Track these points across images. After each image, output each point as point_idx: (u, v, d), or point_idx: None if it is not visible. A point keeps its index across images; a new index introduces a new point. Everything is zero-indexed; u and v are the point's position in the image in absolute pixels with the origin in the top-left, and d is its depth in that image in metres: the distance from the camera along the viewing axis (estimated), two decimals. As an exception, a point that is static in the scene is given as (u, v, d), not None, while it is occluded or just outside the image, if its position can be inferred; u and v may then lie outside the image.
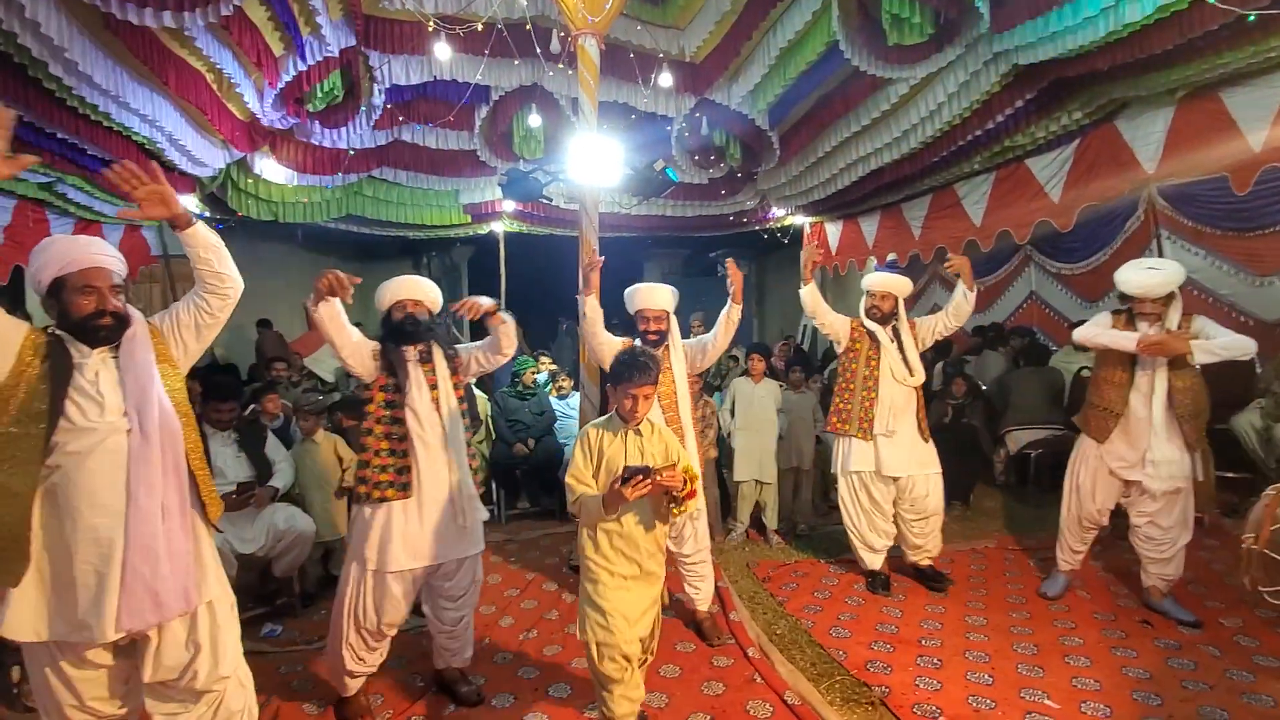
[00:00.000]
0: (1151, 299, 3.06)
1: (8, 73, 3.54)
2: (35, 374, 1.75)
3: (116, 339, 1.86)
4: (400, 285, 2.70)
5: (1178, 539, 3.15)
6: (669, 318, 3.27)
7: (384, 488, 2.49)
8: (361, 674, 2.61)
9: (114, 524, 1.77)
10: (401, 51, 4.92)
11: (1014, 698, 2.63)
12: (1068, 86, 4.45)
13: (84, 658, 1.83)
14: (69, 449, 1.76)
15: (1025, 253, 6.67)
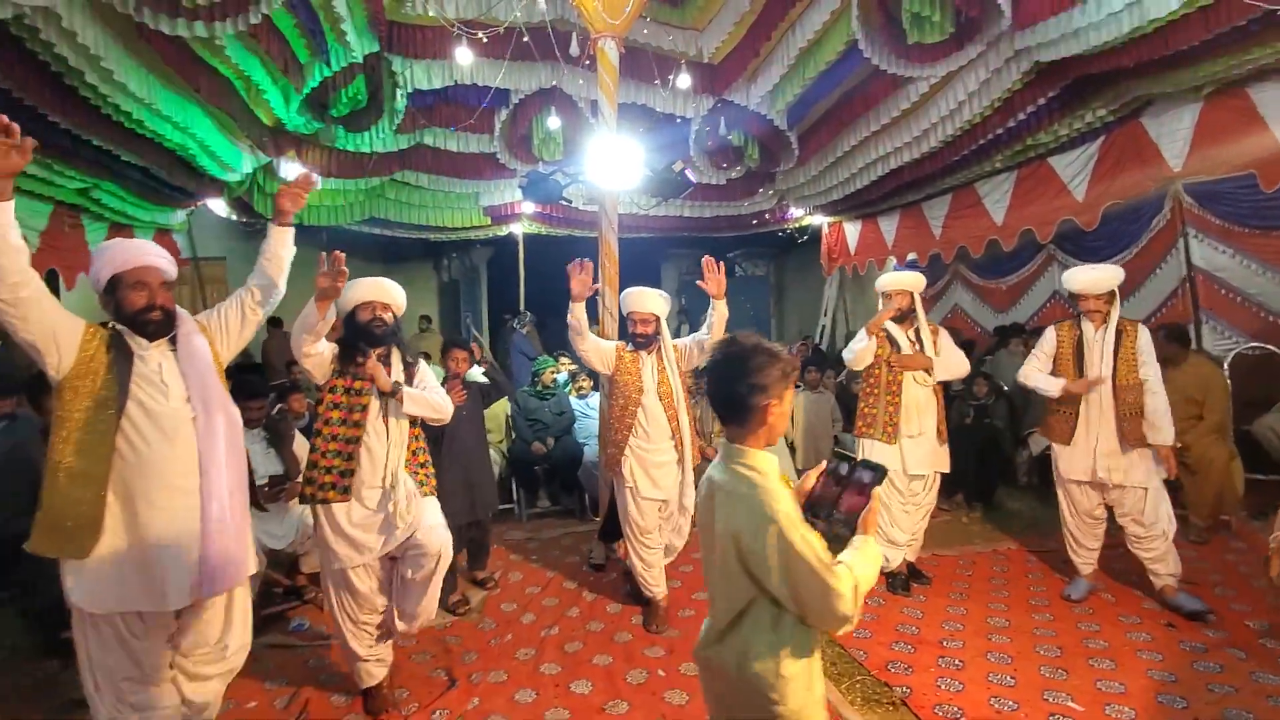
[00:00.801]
0: (1094, 295, 3.30)
1: (45, 81, 3.66)
2: (102, 365, 1.90)
3: (166, 332, 2.02)
4: (369, 287, 2.68)
5: (1164, 533, 3.26)
6: (658, 321, 3.40)
7: (326, 489, 2.53)
8: (375, 660, 2.67)
9: (189, 502, 1.94)
10: (424, 56, 5.01)
11: (1037, 700, 2.61)
12: (1091, 83, 4.40)
13: (146, 629, 1.96)
14: (141, 432, 1.91)
15: (1048, 252, 6.58)
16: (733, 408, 1.40)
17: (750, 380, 1.36)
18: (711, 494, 1.44)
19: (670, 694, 2.74)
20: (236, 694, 2.79)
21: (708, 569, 1.47)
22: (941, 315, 8.36)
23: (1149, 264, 5.50)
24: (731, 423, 1.43)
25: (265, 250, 2.26)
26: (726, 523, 1.37)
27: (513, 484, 5.23)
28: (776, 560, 1.29)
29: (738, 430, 1.42)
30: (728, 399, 1.41)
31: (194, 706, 2.11)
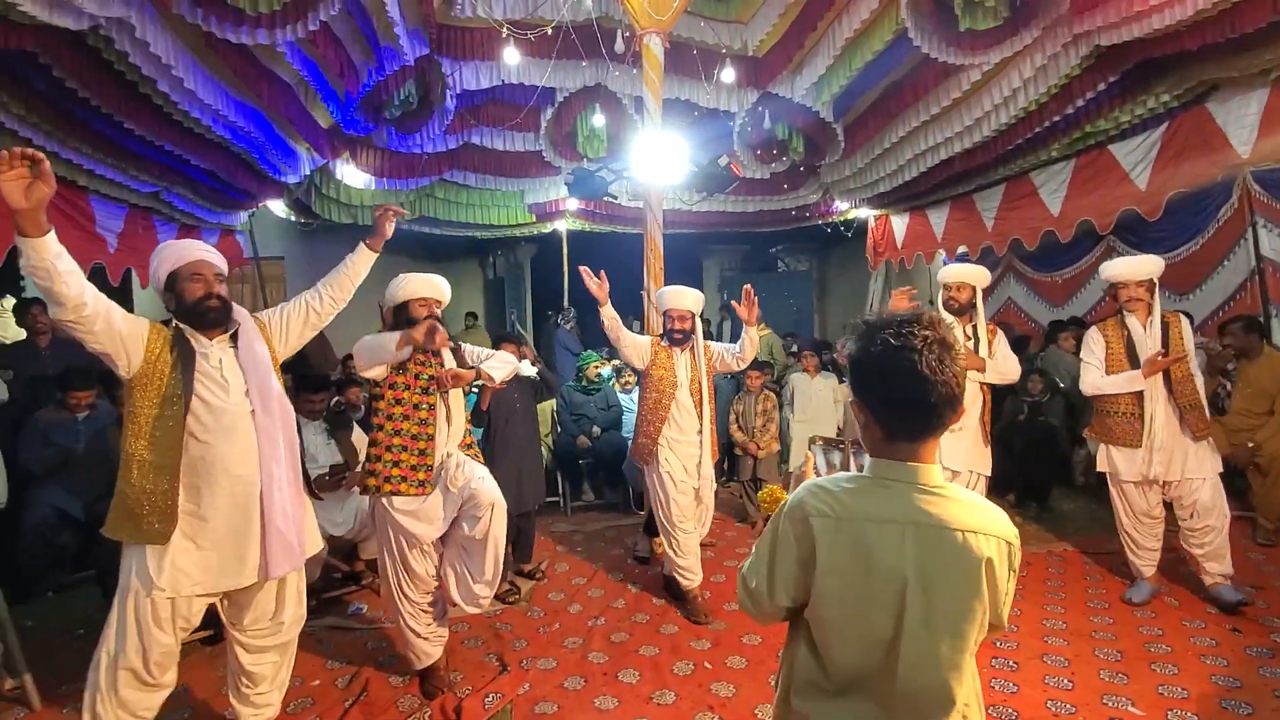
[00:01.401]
0: (1133, 281, 3.25)
1: (120, 89, 3.87)
2: (168, 363, 2.02)
3: (224, 321, 2.14)
4: (421, 283, 2.82)
5: (1221, 528, 3.22)
6: (694, 318, 3.52)
7: (395, 482, 2.62)
8: (435, 638, 2.76)
9: (250, 490, 2.07)
10: (472, 57, 5.10)
11: (1096, 703, 2.55)
12: (1154, 68, 4.23)
13: (171, 619, 2.05)
14: (206, 426, 2.04)
15: (1108, 243, 6.34)
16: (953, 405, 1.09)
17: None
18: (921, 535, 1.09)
19: (717, 686, 2.76)
20: (300, 671, 2.93)
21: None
22: (994, 309, 8.14)
23: (1216, 255, 5.27)
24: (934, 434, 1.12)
25: (350, 267, 2.41)
26: (972, 556, 1.07)
27: (558, 477, 5.32)
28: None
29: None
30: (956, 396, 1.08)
31: (253, 678, 2.26)
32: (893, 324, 1.07)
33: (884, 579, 1.07)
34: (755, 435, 4.69)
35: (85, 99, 3.76)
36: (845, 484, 1.14)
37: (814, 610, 1.14)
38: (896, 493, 1.10)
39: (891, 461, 1.12)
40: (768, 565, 1.18)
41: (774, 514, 1.22)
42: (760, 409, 4.74)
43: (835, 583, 1.09)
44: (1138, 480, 3.30)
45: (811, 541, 1.10)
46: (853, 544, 1.08)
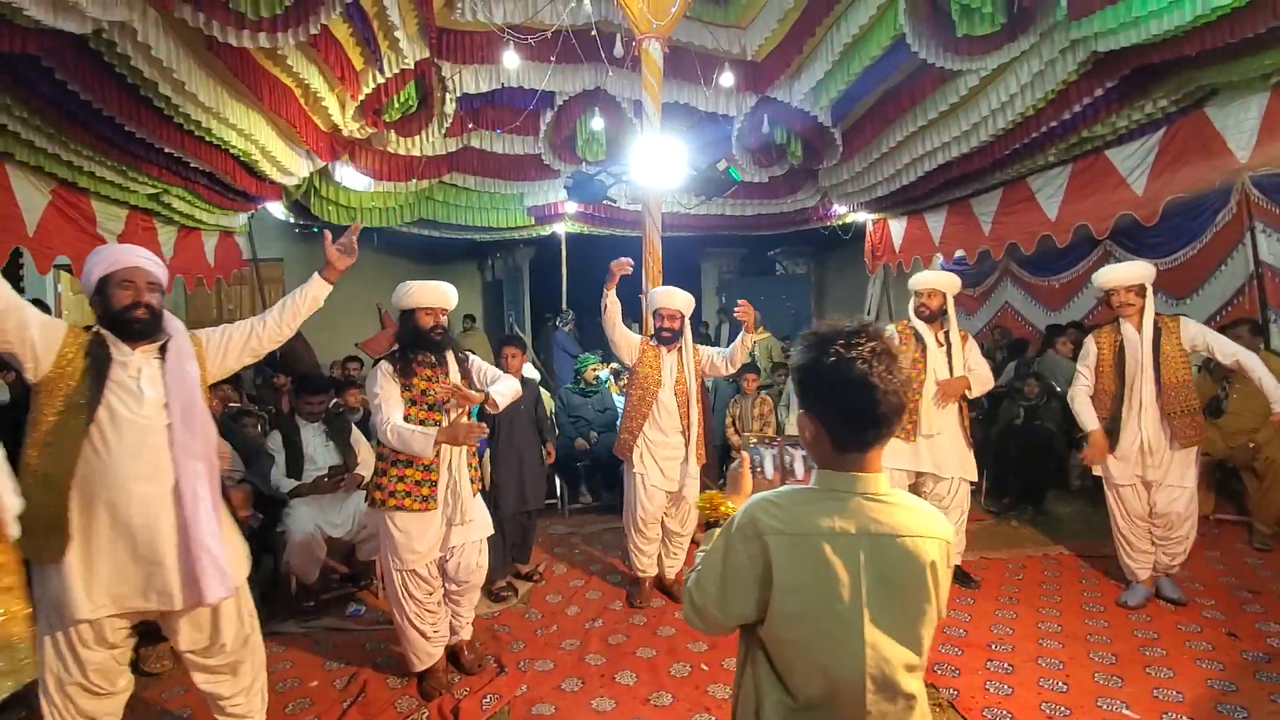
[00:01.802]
0: (1124, 287, 3.26)
1: (122, 91, 3.88)
2: (78, 370, 1.91)
3: (151, 333, 2.02)
4: (429, 292, 2.79)
5: (1188, 539, 3.32)
6: (683, 318, 3.55)
7: (401, 497, 2.65)
8: (435, 637, 2.78)
9: (159, 508, 1.93)
10: (472, 61, 5.13)
11: (1090, 705, 2.56)
12: (1152, 73, 4.25)
13: (97, 638, 1.95)
14: (107, 439, 1.91)
15: (1105, 248, 6.36)
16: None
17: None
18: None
19: (713, 688, 2.77)
20: (298, 672, 2.95)
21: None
22: (991, 313, 8.17)
23: (1213, 260, 5.29)
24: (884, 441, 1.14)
25: (303, 298, 2.30)
26: (920, 561, 1.10)
27: (556, 479, 5.32)
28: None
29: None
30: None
31: (211, 698, 2.19)
32: (841, 335, 1.08)
33: (841, 591, 1.07)
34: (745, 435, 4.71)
35: (87, 101, 3.78)
36: (796, 497, 1.13)
37: (771, 629, 1.12)
38: (848, 504, 1.10)
39: (842, 473, 1.12)
40: (719, 584, 1.15)
41: (723, 528, 1.19)
42: (756, 412, 4.75)
43: (793, 600, 1.09)
44: (1130, 482, 3.34)
45: (767, 559, 1.09)
46: (810, 559, 1.08)
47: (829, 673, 1.09)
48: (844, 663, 1.08)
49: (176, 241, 5.96)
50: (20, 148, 4.01)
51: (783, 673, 1.13)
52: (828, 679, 1.10)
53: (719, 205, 7.65)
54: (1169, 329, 3.26)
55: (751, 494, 1.29)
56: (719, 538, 1.20)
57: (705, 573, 1.19)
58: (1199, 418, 3.25)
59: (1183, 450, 3.24)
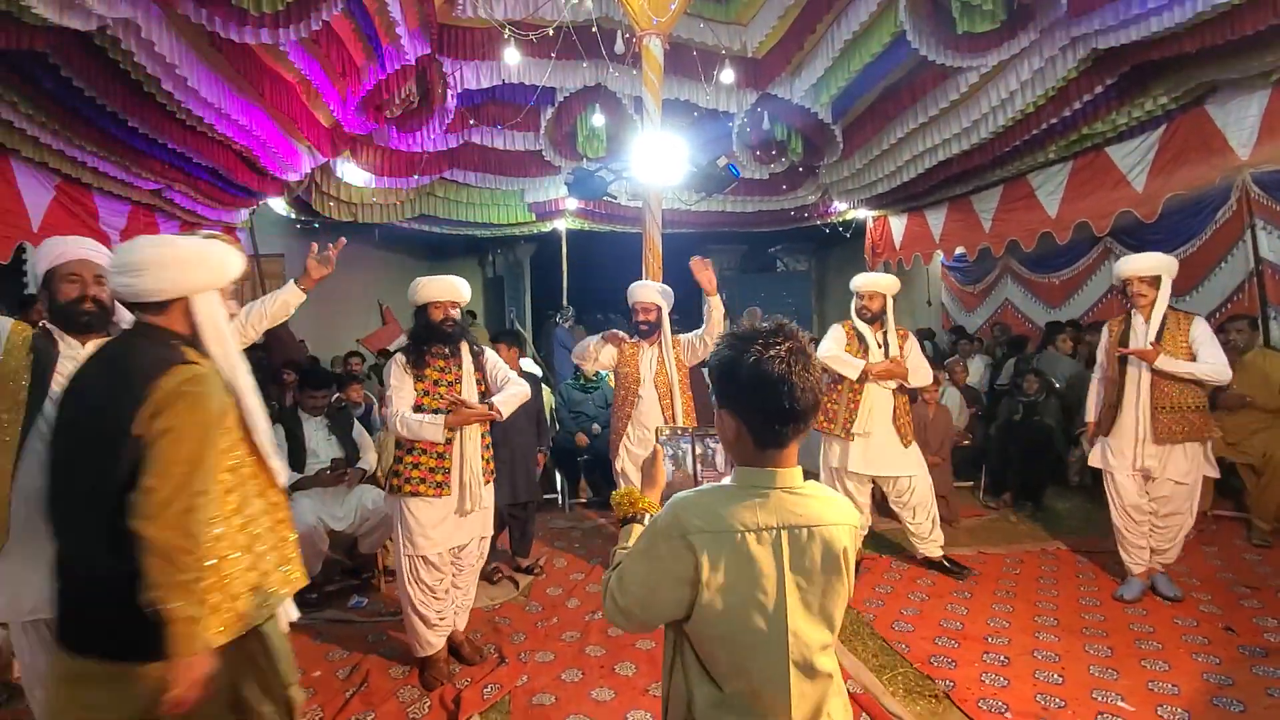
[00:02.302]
0: (1138, 277, 3.30)
1: (125, 88, 3.90)
2: (21, 365, 1.89)
3: (100, 326, 1.99)
4: (441, 286, 2.84)
5: (1179, 526, 3.34)
6: (659, 310, 3.60)
7: (415, 483, 2.71)
8: (439, 625, 2.82)
9: None
10: (473, 57, 5.14)
11: (1085, 698, 2.58)
12: (1152, 70, 4.26)
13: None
14: None
15: (1104, 245, 6.37)
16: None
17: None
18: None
19: (712, 679, 2.80)
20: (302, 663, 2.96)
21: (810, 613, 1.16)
22: (991, 310, 8.18)
23: (1213, 257, 5.30)
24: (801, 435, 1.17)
25: (276, 303, 2.32)
26: (835, 548, 1.16)
27: (556, 474, 5.35)
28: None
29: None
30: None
31: None
32: (760, 336, 1.12)
33: (765, 584, 1.11)
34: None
35: (91, 98, 3.80)
36: (718, 496, 1.16)
37: (698, 625, 1.14)
38: (769, 499, 1.14)
39: (762, 469, 1.16)
40: (643, 586, 1.16)
41: (645, 530, 1.20)
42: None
43: (720, 596, 1.11)
44: (1126, 471, 3.38)
45: (694, 560, 1.10)
46: (735, 555, 1.11)
47: (755, 662, 1.13)
48: (770, 652, 1.12)
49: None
50: (25, 144, 4.03)
51: (709, 666, 1.15)
52: (754, 669, 1.13)
53: (719, 202, 7.66)
54: (1179, 324, 3.26)
55: (667, 484, 1.39)
56: (641, 539, 1.20)
57: (628, 574, 1.19)
58: (1192, 415, 3.22)
59: (1186, 445, 3.24)
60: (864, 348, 3.67)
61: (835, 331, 3.82)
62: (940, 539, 3.80)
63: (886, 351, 3.64)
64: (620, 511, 1.38)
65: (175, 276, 1.56)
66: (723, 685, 1.14)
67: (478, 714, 2.59)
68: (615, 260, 8.59)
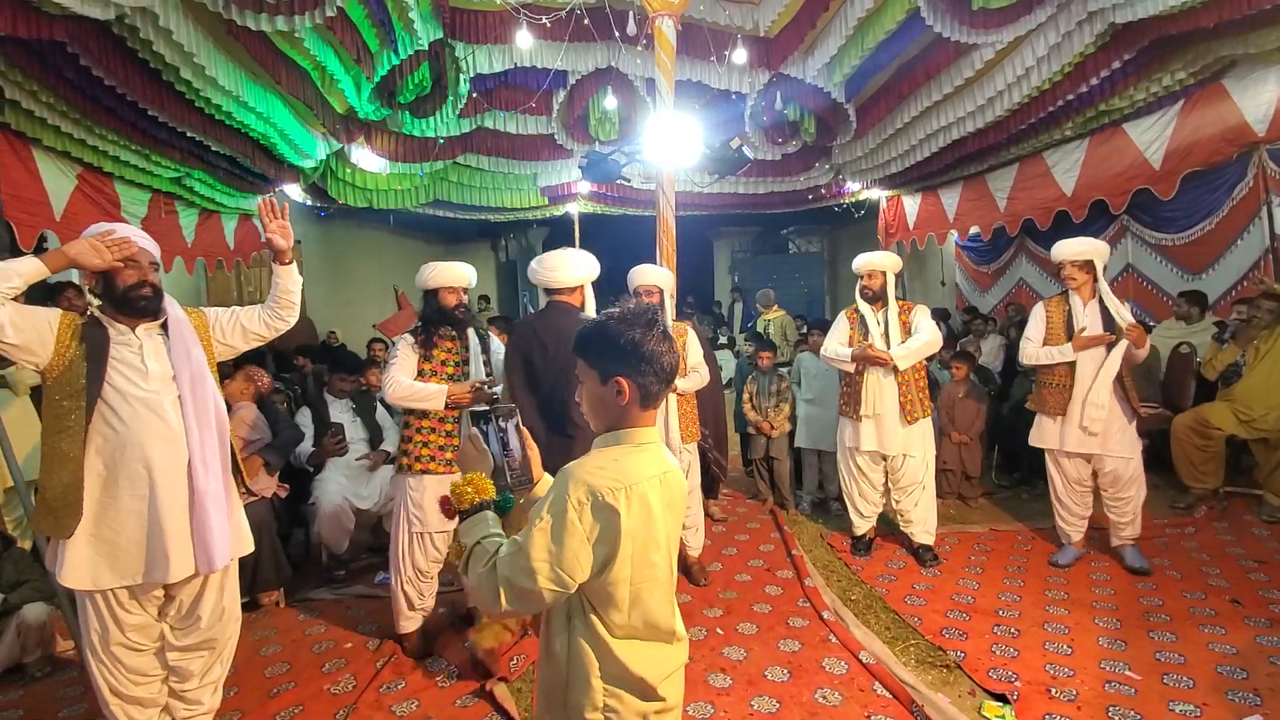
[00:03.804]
0: (1069, 261, 3.43)
1: (144, 77, 3.96)
2: (75, 354, 1.98)
3: (155, 310, 2.08)
4: (452, 272, 2.92)
5: (1135, 499, 3.45)
6: (661, 293, 3.58)
7: (426, 461, 2.80)
8: (418, 611, 2.93)
9: (175, 481, 2.01)
10: (485, 41, 5.15)
11: (1094, 667, 2.65)
12: (1170, 45, 4.21)
13: (135, 601, 2.06)
14: (121, 415, 1.98)
15: (1121, 223, 6.32)
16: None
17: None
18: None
19: (728, 650, 2.88)
20: (333, 635, 3.11)
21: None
22: (1006, 289, 8.15)
23: (1230, 233, 5.26)
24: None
25: (278, 290, 2.30)
26: (683, 483, 1.40)
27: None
28: None
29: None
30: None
31: (179, 672, 2.19)
32: (646, 316, 1.31)
33: (658, 524, 1.29)
34: (768, 415, 4.77)
35: (111, 87, 3.86)
36: (616, 455, 1.29)
37: (605, 575, 1.24)
38: (650, 451, 1.32)
39: (643, 428, 1.33)
40: (562, 561, 1.20)
41: (546, 512, 1.22)
42: (774, 388, 4.81)
43: (629, 542, 1.25)
44: (1071, 451, 3.49)
45: (614, 515, 1.22)
46: (640, 504, 1.25)
47: (652, 593, 1.30)
48: (660, 579, 1.31)
49: (197, 224, 6.07)
50: (47, 133, 4.11)
51: (606, 609, 1.28)
52: (650, 598, 1.29)
53: (732, 184, 7.65)
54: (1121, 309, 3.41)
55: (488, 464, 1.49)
56: (555, 515, 1.22)
57: (539, 556, 1.20)
58: (1134, 394, 3.39)
59: (1118, 422, 3.38)
60: (865, 331, 3.71)
61: (837, 322, 3.90)
62: (930, 526, 3.76)
63: (887, 330, 3.67)
64: (465, 501, 1.39)
65: (579, 272, 2.79)
66: (623, 621, 1.28)
67: (505, 684, 2.68)
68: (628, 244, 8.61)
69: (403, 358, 2.82)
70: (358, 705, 2.56)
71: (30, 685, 2.81)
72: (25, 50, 3.49)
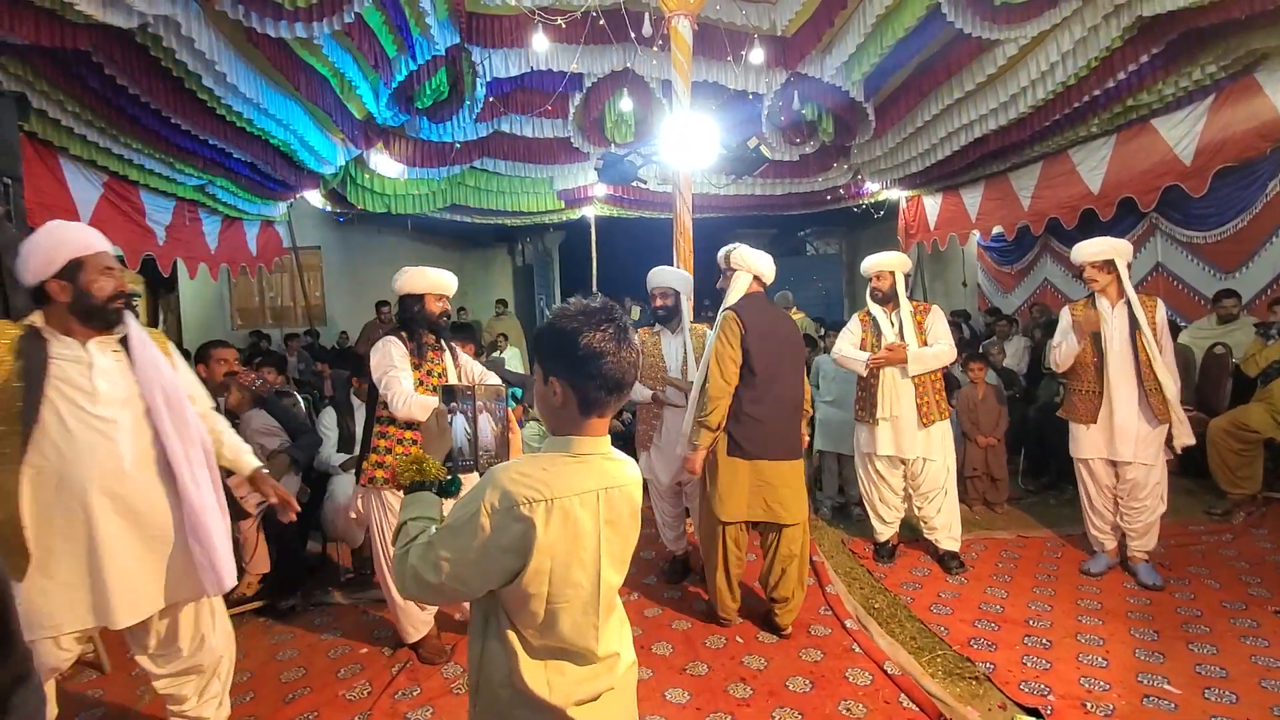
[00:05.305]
0: (1088, 263, 3.32)
1: (168, 85, 4.02)
2: (10, 371, 1.72)
3: (119, 323, 1.88)
4: (441, 280, 2.85)
5: (1152, 509, 3.32)
6: (677, 295, 3.52)
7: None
8: (428, 609, 2.85)
9: (131, 515, 1.82)
10: (501, 45, 5.16)
11: (1131, 680, 2.55)
12: (1199, 38, 4.09)
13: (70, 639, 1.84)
14: (59, 445, 1.74)
15: (1150, 221, 6.16)
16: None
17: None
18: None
19: (748, 658, 2.82)
20: (349, 640, 3.09)
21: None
22: (1030, 290, 8.00)
23: (1264, 231, 5.11)
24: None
25: (231, 455, 2.16)
26: (634, 502, 1.34)
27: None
28: None
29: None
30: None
31: (173, 699, 2.08)
32: (591, 313, 1.20)
33: (586, 542, 1.21)
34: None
35: (135, 95, 3.92)
36: (546, 464, 1.19)
37: (519, 589, 1.16)
38: (590, 464, 1.22)
39: (586, 438, 1.23)
40: (466, 563, 1.16)
41: (465, 510, 1.17)
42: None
43: (547, 559, 1.16)
44: (1100, 457, 3.38)
45: (529, 528, 1.13)
46: (563, 519, 1.17)
47: (571, 610, 1.21)
48: (585, 599, 1.22)
49: (220, 231, 6.15)
50: (74, 142, 4.18)
51: (522, 622, 1.21)
52: (569, 616, 1.21)
53: (749, 185, 7.60)
54: (1148, 308, 3.28)
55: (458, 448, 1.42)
56: (466, 515, 1.16)
57: (443, 551, 1.17)
58: (1165, 396, 3.23)
59: (1153, 430, 3.26)
60: (879, 333, 3.64)
61: (850, 324, 3.83)
62: (954, 532, 3.66)
63: (901, 331, 3.60)
64: (406, 478, 1.39)
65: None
66: (535, 640, 1.21)
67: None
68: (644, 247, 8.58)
69: (401, 365, 2.69)
70: (372, 712, 2.53)
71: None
72: (51, 60, 3.55)
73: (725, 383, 2.88)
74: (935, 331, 3.61)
